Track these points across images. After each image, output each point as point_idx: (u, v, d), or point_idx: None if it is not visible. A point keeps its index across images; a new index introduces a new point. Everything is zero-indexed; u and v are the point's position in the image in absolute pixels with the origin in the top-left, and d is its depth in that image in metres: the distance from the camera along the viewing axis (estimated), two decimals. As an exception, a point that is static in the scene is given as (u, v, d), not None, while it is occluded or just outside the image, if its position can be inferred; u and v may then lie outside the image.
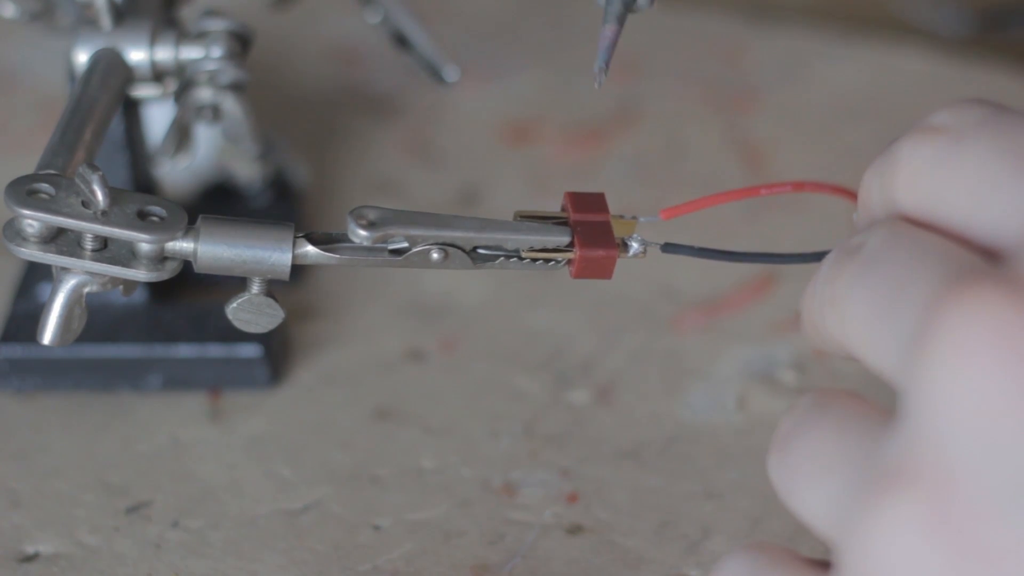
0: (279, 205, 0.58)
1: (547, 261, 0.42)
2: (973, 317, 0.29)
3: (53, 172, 0.42)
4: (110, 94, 0.48)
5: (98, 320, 0.51)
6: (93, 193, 0.40)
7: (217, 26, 0.50)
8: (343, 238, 0.42)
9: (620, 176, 0.62)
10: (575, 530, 0.47)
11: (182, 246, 0.41)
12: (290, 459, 0.50)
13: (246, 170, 0.56)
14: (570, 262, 0.42)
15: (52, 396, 0.52)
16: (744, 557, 0.34)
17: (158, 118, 0.54)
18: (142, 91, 0.50)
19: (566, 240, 0.42)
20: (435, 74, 0.55)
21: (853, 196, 0.40)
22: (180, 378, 0.52)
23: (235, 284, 0.43)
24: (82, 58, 0.49)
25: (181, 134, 0.51)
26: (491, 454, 0.50)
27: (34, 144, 0.56)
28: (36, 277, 0.53)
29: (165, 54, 0.50)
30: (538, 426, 0.51)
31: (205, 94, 0.50)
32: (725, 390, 0.52)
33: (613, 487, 0.49)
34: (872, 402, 0.33)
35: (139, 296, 0.53)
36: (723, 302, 0.56)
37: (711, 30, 0.71)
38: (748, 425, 0.51)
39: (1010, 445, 0.29)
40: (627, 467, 0.49)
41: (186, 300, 0.54)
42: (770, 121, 0.65)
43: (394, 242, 0.41)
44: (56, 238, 0.41)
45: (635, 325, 0.55)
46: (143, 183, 0.53)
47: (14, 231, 0.41)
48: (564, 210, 0.42)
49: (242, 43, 0.51)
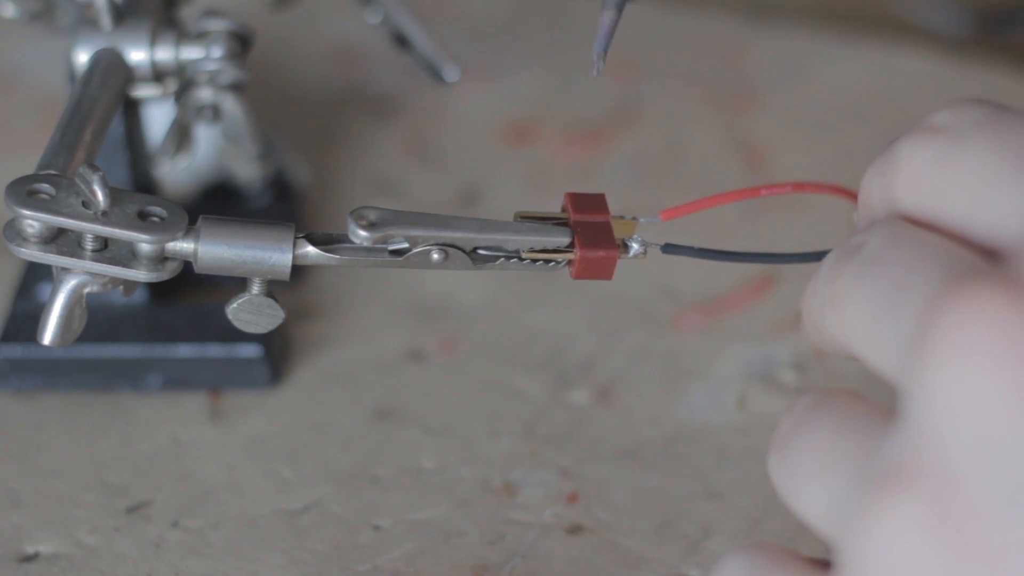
0: (279, 205, 0.58)
1: (547, 262, 0.42)
2: (973, 317, 0.29)
3: (53, 172, 0.42)
4: (110, 94, 0.48)
5: (98, 320, 0.51)
6: (93, 193, 0.40)
7: (217, 26, 0.50)
8: (343, 238, 0.42)
9: (620, 176, 0.62)
10: (575, 530, 0.47)
11: (182, 246, 0.41)
12: (290, 459, 0.50)
13: (246, 170, 0.56)
14: (570, 263, 0.42)
15: (52, 396, 0.52)
16: (744, 557, 0.34)
17: (158, 118, 0.54)
18: (142, 91, 0.50)
19: (566, 241, 0.42)
20: (435, 74, 0.55)
21: (853, 196, 0.40)
22: (180, 378, 0.52)
23: (235, 284, 0.43)
24: (82, 58, 0.49)
25: (181, 134, 0.51)
26: (491, 454, 0.50)
27: (34, 144, 0.56)
28: (36, 277, 0.53)
29: (165, 54, 0.50)
30: (538, 426, 0.51)
31: (205, 94, 0.50)
32: (725, 390, 0.52)
33: (613, 487, 0.49)
34: (872, 402, 0.33)
35: (139, 296, 0.53)
36: (723, 302, 0.56)
37: (711, 30, 0.71)
38: (748, 425, 0.51)
39: (1010, 445, 0.29)
40: (627, 467, 0.49)
41: (186, 300, 0.54)
42: (770, 121, 0.65)
43: (394, 243, 0.41)
44: (56, 238, 0.41)
45: (635, 325, 0.55)
46: (143, 183, 0.53)
47: (14, 231, 0.41)
48: (564, 211, 0.42)
49: (242, 43, 0.51)
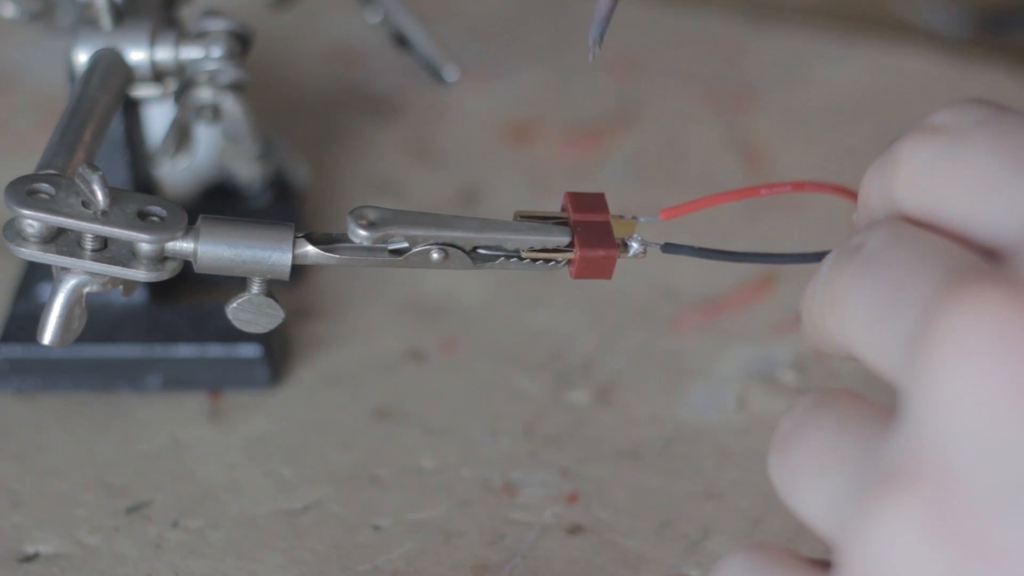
0: (279, 205, 0.58)
1: (547, 261, 0.42)
2: (973, 317, 0.29)
3: (53, 172, 0.42)
4: (110, 94, 0.48)
5: (98, 320, 0.51)
6: (93, 193, 0.40)
7: (217, 26, 0.50)
8: (343, 238, 0.42)
9: (620, 176, 0.62)
10: (575, 530, 0.47)
11: (182, 246, 0.41)
12: (290, 459, 0.50)
13: (246, 170, 0.56)
14: (570, 262, 0.42)
15: (52, 396, 0.52)
16: (744, 557, 0.34)
17: (158, 118, 0.54)
18: (142, 91, 0.50)
19: (566, 240, 0.41)
20: (435, 74, 0.55)
21: (853, 196, 0.40)
22: (180, 378, 0.52)
23: (235, 284, 0.43)
24: (82, 58, 0.49)
25: (181, 134, 0.51)
26: (491, 454, 0.50)
27: (34, 144, 0.56)
28: (36, 277, 0.53)
29: (165, 54, 0.50)
30: (538, 426, 0.51)
31: (205, 94, 0.50)
32: (725, 390, 0.52)
33: (613, 487, 0.49)
34: (872, 402, 0.33)
35: (139, 296, 0.53)
36: (723, 302, 0.56)
37: (711, 30, 0.71)
38: (748, 425, 0.51)
39: (1010, 444, 0.29)
40: (627, 467, 0.49)
41: (186, 300, 0.54)
42: (770, 121, 0.65)
43: (394, 242, 0.41)
44: (56, 238, 0.41)
45: (635, 325, 0.55)
46: (143, 183, 0.53)
47: (14, 231, 0.41)
48: (564, 210, 0.42)
49: (242, 43, 0.51)
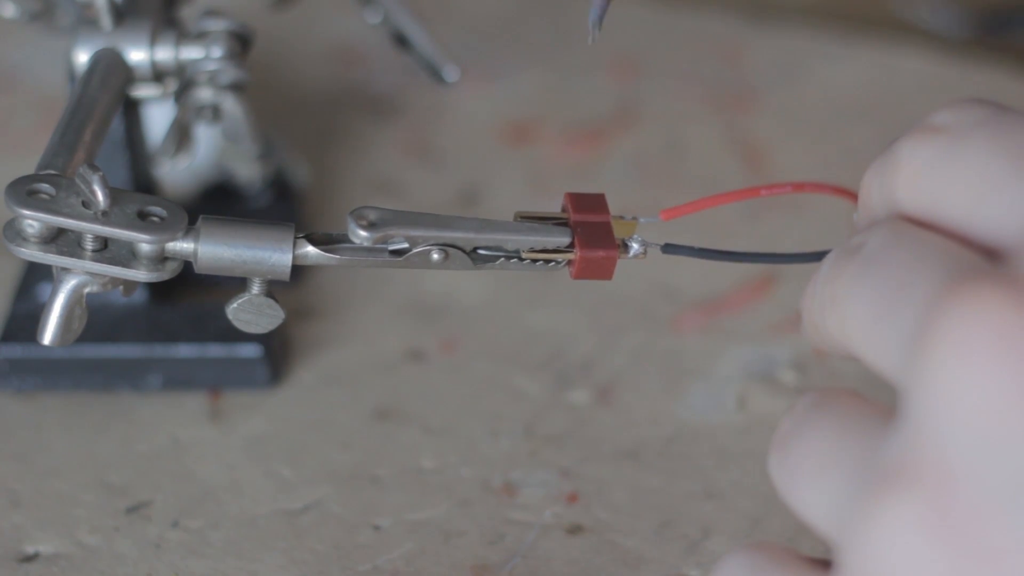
0: (279, 205, 0.58)
1: (547, 262, 0.42)
2: (973, 316, 0.29)
3: (53, 172, 0.42)
4: (110, 94, 0.48)
5: (98, 320, 0.51)
6: (93, 193, 0.40)
7: (217, 26, 0.50)
8: (343, 238, 0.42)
9: (620, 176, 0.62)
10: (575, 530, 0.47)
11: (182, 246, 0.41)
12: (290, 459, 0.50)
13: (246, 170, 0.56)
14: (570, 263, 0.42)
15: (52, 396, 0.52)
16: (744, 557, 0.34)
17: (158, 118, 0.54)
18: (142, 91, 0.50)
19: (566, 241, 0.41)
20: (435, 74, 0.55)
21: (853, 196, 0.40)
22: (180, 378, 0.52)
23: (235, 284, 0.43)
24: (82, 58, 0.49)
25: (181, 134, 0.51)
26: (491, 454, 0.50)
27: (34, 144, 0.56)
28: (36, 277, 0.53)
29: (165, 54, 0.50)
30: (538, 426, 0.51)
31: (205, 94, 0.50)
32: (725, 390, 0.52)
33: (613, 487, 0.49)
34: (872, 401, 0.33)
35: (139, 296, 0.53)
36: (723, 302, 0.56)
37: (711, 30, 0.71)
38: (748, 425, 0.51)
39: (1010, 444, 0.29)
40: (627, 467, 0.49)
41: (186, 300, 0.54)
42: (770, 121, 0.65)
43: (394, 243, 0.41)
44: (56, 238, 0.41)
45: (635, 325, 0.55)
46: (143, 183, 0.53)
47: (14, 231, 0.41)
48: (564, 211, 0.42)
49: (242, 43, 0.51)
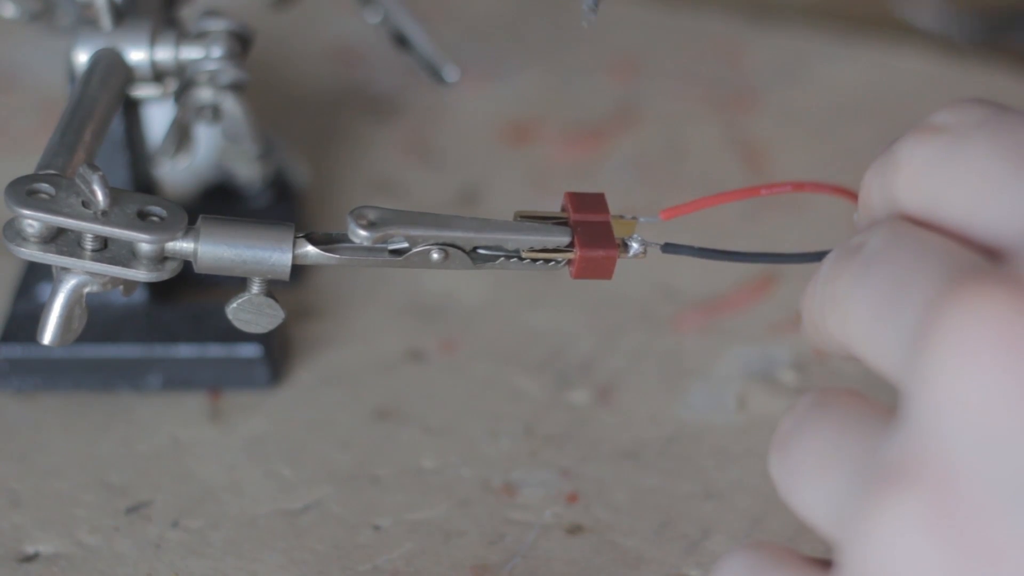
0: (279, 205, 0.58)
1: (547, 261, 0.42)
2: (974, 316, 0.29)
3: (53, 172, 0.42)
4: (110, 94, 0.48)
5: (98, 320, 0.51)
6: (93, 193, 0.40)
7: (217, 26, 0.50)
8: (343, 238, 0.42)
9: (620, 176, 0.62)
10: (575, 530, 0.47)
11: (182, 246, 0.41)
12: (290, 459, 0.50)
13: (246, 170, 0.56)
14: (570, 262, 0.42)
15: (52, 396, 0.52)
16: (744, 556, 0.34)
17: (158, 118, 0.54)
18: (142, 91, 0.50)
19: (566, 240, 0.41)
20: (435, 74, 0.55)
21: (853, 196, 0.40)
22: (180, 378, 0.52)
23: (235, 284, 0.43)
24: (82, 58, 0.49)
25: (181, 134, 0.51)
26: (491, 454, 0.50)
27: (34, 144, 0.56)
28: (36, 277, 0.53)
29: (165, 54, 0.50)
30: (538, 426, 0.51)
31: (205, 94, 0.50)
32: (725, 390, 0.52)
33: (613, 487, 0.49)
34: (873, 401, 0.33)
35: (139, 296, 0.52)
36: (723, 302, 0.56)
37: (711, 30, 0.71)
38: (748, 425, 0.51)
39: (1011, 443, 0.29)
40: (627, 467, 0.49)
41: (186, 300, 0.54)
42: (770, 121, 0.65)
43: (394, 242, 0.41)
44: (56, 238, 0.41)
45: (635, 325, 0.55)
46: (143, 183, 0.53)
47: (14, 231, 0.41)
48: (564, 210, 0.42)
49: (242, 43, 0.51)
